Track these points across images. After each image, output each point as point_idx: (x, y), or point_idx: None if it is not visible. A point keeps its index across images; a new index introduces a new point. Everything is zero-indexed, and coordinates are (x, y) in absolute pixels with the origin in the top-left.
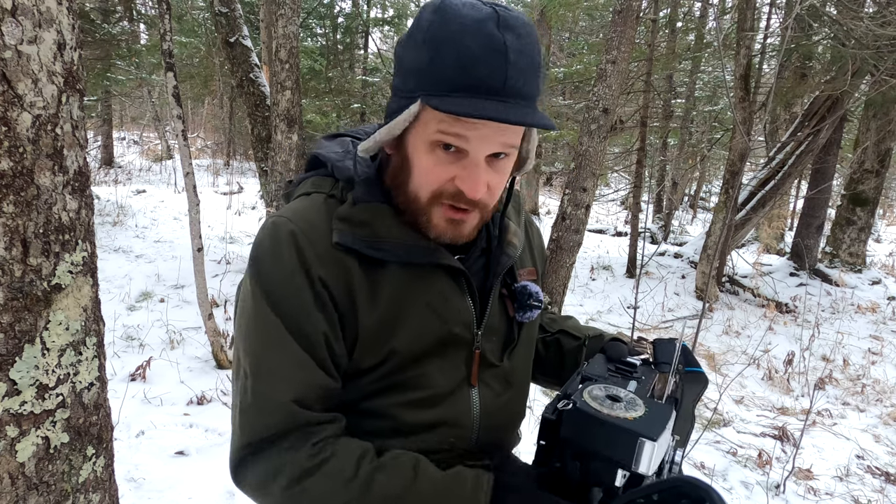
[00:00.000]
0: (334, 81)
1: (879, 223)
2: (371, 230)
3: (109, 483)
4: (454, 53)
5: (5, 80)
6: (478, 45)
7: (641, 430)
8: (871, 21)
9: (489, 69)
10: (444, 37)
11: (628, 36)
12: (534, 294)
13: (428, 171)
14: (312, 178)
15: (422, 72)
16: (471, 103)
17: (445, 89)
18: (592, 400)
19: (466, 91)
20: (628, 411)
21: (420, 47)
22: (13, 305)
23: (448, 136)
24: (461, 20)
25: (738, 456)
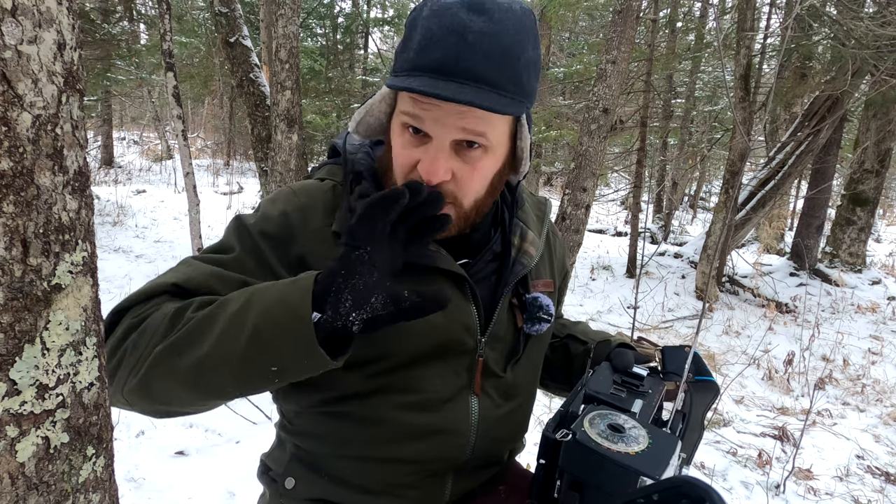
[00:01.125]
0: (334, 81)
1: (879, 223)
2: None
3: (109, 483)
4: (418, 36)
5: (5, 80)
6: (439, 27)
7: (643, 468)
8: (871, 21)
9: (443, 49)
10: (416, 20)
11: (628, 36)
12: (544, 307)
13: (398, 154)
14: (330, 165)
15: (396, 55)
16: (416, 80)
17: (407, 70)
18: (592, 430)
19: (423, 71)
20: (630, 445)
21: (404, 34)
22: (13, 305)
23: (408, 118)
24: (435, 5)
25: (738, 456)
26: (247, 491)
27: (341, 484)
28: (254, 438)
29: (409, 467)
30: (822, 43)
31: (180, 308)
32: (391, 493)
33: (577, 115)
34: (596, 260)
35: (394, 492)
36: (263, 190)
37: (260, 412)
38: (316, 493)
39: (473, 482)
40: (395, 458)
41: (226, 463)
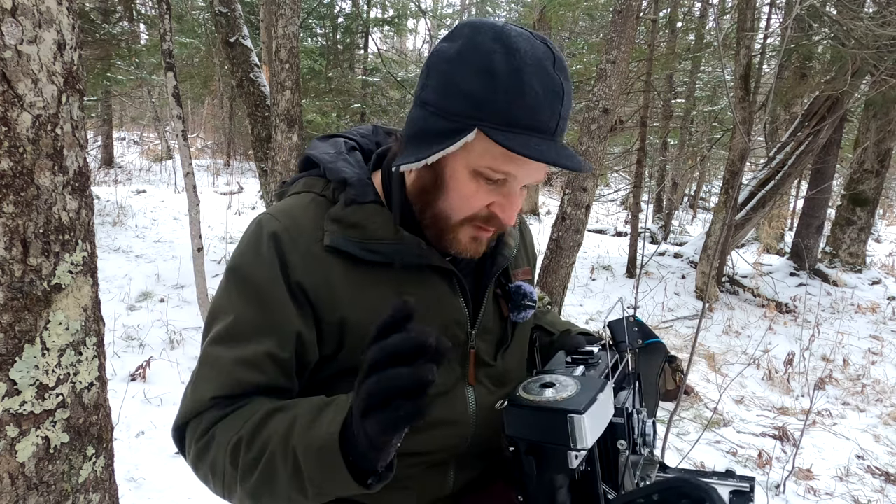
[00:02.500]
0: (334, 81)
1: (879, 223)
2: (363, 232)
3: (109, 483)
4: (520, 93)
5: (5, 80)
6: (542, 87)
7: (567, 406)
8: (871, 21)
9: (549, 112)
10: (510, 72)
11: (628, 36)
12: (528, 294)
13: (467, 198)
14: (305, 178)
15: (480, 101)
16: (535, 145)
17: (503, 124)
18: (524, 392)
19: (526, 130)
20: (559, 393)
21: (480, 74)
22: (13, 305)
23: (497, 173)
24: (525, 57)
25: (738, 456)
26: None
27: None
28: None
29: (412, 459)
30: (822, 43)
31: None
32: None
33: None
34: (596, 260)
35: (398, 484)
36: (263, 190)
37: None
38: None
39: (475, 471)
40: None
41: None
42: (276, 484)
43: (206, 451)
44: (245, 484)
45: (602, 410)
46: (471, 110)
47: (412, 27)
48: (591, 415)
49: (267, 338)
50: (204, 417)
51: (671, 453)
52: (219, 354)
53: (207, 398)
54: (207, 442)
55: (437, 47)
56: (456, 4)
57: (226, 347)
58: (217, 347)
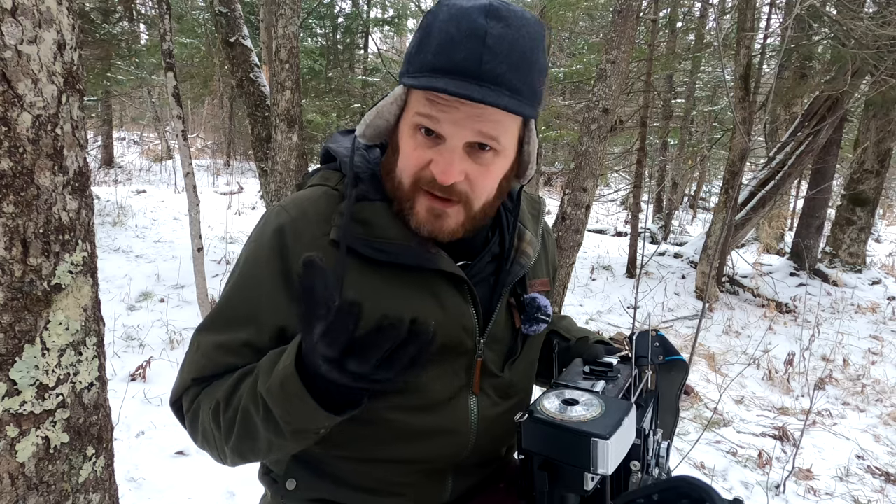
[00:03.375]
0: (334, 81)
1: (879, 223)
2: (370, 229)
3: (109, 483)
4: (436, 38)
5: (5, 80)
6: (458, 31)
7: (593, 429)
8: (871, 21)
9: (464, 52)
10: (433, 23)
11: (628, 36)
12: (542, 308)
13: (408, 155)
14: (323, 171)
15: (410, 56)
16: (441, 81)
17: (425, 71)
18: (548, 406)
19: (443, 73)
20: (583, 413)
21: (415, 35)
22: (13, 305)
23: (423, 118)
24: (451, 9)
25: (738, 456)
26: (247, 491)
27: (343, 484)
28: None
29: (411, 467)
30: (822, 43)
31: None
32: (393, 492)
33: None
34: (596, 260)
35: (395, 491)
36: (263, 190)
37: None
38: (317, 494)
39: (473, 480)
40: (397, 458)
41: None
42: (254, 433)
43: (195, 420)
44: (229, 442)
45: (626, 435)
46: (404, 68)
47: (412, 27)
48: (617, 440)
49: (249, 327)
50: (190, 392)
51: (671, 453)
52: (203, 339)
53: (189, 379)
54: (195, 411)
55: None
56: None
57: (209, 333)
58: (203, 333)
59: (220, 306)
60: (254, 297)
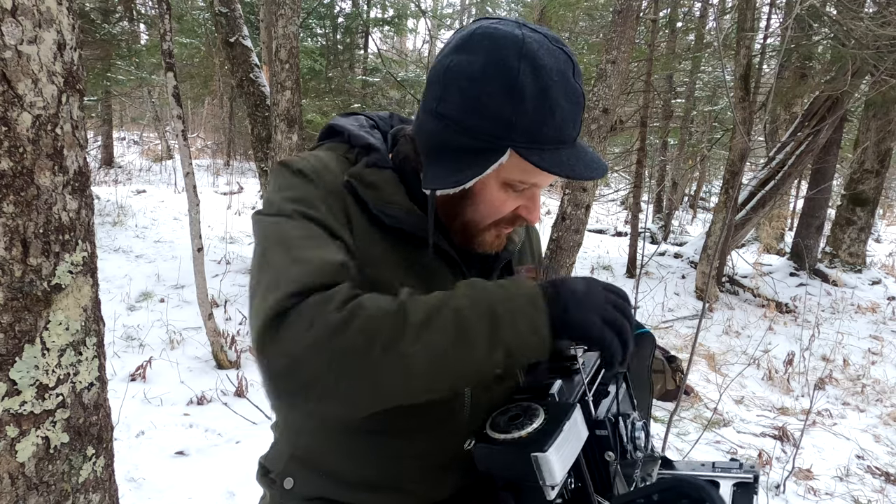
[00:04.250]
0: (334, 81)
1: (879, 223)
2: (378, 193)
3: (109, 483)
4: (550, 113)
5: (5, 80)
6: (567, 102)
7: (530, 444)
8: (871, 21)
9: (573, 123)
10: (538, 92)
11: (628, 36)
12: None
13: (497, 206)
14: (327, 143)
15: (510, 122)
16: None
17: (533, 142)
18: (492, 429)
19: (555, 144)
20: (524, 428)
21: (508, 95)
22: (13, 305)
23: (526, 185)
24: (551, 73)
25: (738, 456)
26: (247, 491)
27: (340, 481)
28: (254, 438)
29: (408, 462)
30: (822, 43)
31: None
32: (391, 487)
33: None
34: (596, 260)
35: (394, 486)
36: (263, 190)
37: (260, 412)
38: (315, 492)
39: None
40: (393, 453)
41: (226, 463)
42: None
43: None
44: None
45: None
46: (501, 131)
47: (412, 27)
48: (557, 448)
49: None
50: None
51: (671, 453)
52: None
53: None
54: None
55: (455, 60)
56: (456, 4)
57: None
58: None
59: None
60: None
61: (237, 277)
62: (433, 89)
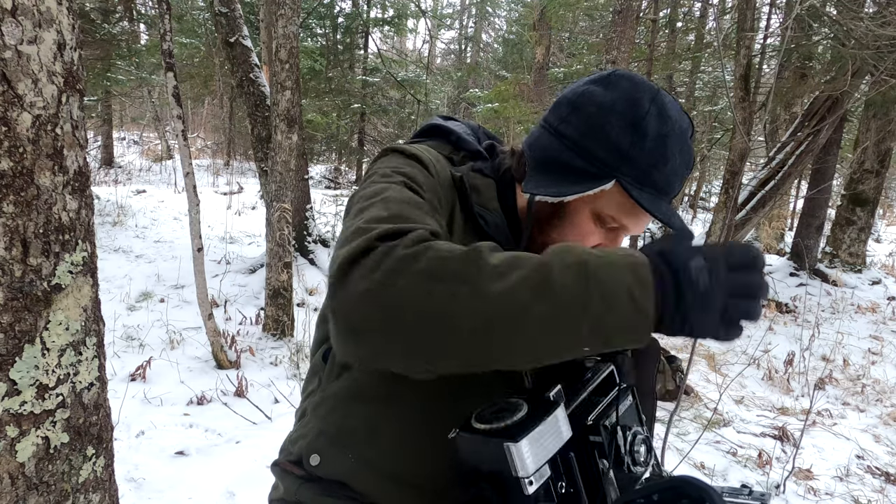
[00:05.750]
0: (334, 81)
1: (879, 223)
2: (481, 197)
3: (109, 483)
4: (663, 158)
5: (5, 80)
6: (682, 158)
7: (503, 434)
8: (871, 21)
9: (679, 181)
10: (657, 135)
11: (628, 36)
12: None
13: (583, 234)
14: (430, 141)
15: (625, 154)
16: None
17: (640, 182)
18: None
19: (656, 190)
20: (504, 420)
21: (630, 129)
22: (13, 305)
23: (617, 223)
24: (674, 125)
25: (738, 456)
26: (247, 491)
27: (368, 468)
28: (254, 438)
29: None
30: (822, 43)
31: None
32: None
33: None
34: None
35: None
36: (263, 190)
37: (260, 412)
38: (340, 474)
39: None
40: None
41: (226, 463)
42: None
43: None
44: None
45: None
46: (614, 161)
47: (412, 27)
48: (531, 440)
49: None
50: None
51: (671, 453)
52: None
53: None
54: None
55: (591, 89)
56: (456, 4)
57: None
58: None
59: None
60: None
61: (237, 277)
62: (560, 109)
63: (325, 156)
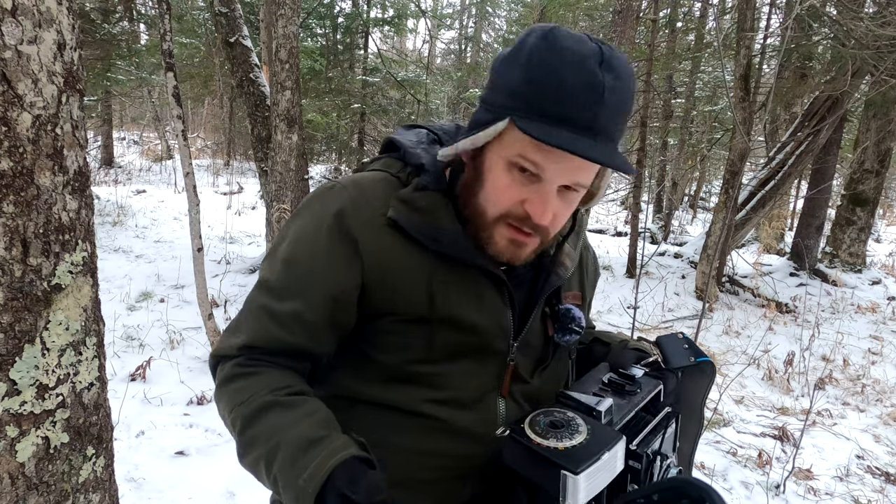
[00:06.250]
0: (334, 81)
1: (879, 223)
2: (430, 218)
3: (109, 483)
4: (553, 84)
5: (5, 80)
6: (578, 80)
7: (565, 462)
8: (871, 21)
9: (583, 105)
10: (545, 64)
11: (628, 36)
12: (577, 319)
13: (500, 190)
14: (385, 159)
15: (515, 92)
16: (560, 134)
17: (536, 114)
18: (530, 427)
19: (556, 121)
20: (563, 440)
21: (519, 67)
22: (13, 305)
23: (527, 162)
24: (565, 52)
25: (738, 456)
26: (247, 491)
27: None
28: None
29: (434, 461)
30: (822, 43)
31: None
32: (411, 487)
33: None
34: None
35: (415, 487)
36: (263, 190)
37: None
38: None
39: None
40: (422, 450)
41: (226, 463)
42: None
43: (220, 401)
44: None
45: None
46: (507, 101)
47: (412, 27)
48: (589, 475)
49: (298, 299)
50: (227, 366)
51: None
52: (256, 301)
53: (236, 345)
54: (221, 394)
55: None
56: (456, 4)
57: (262, 295)
58: (257, 293)
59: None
60: (306, 271)
61: (237, 277)
62: None
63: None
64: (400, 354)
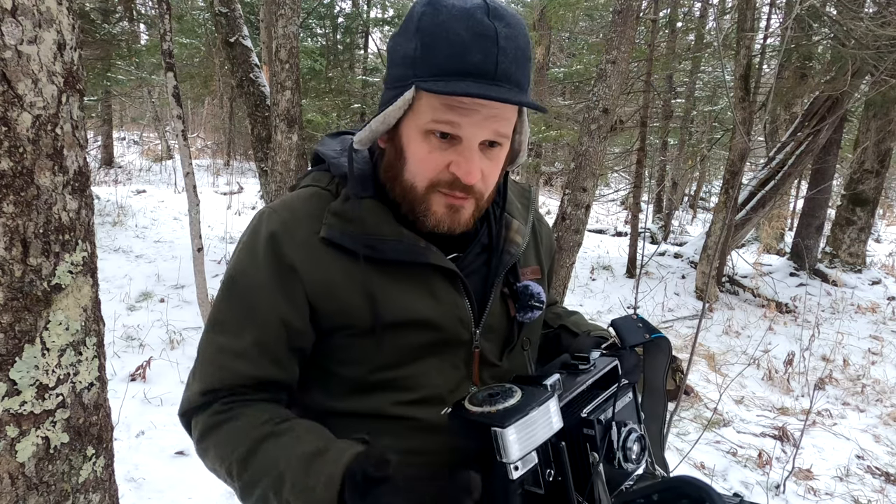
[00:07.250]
0: (334, 81)
1: (879, 223)
2: (363, 227)
3: (109, 483)
4: (445, 40)
5: (5, 80)
6: (468, 32)
7: (493, 419)
8: (871, 21)
9: (480, 54)
10: (435, 25)
11: (628, 36)
12: (535, 295)
13: (423, 160)
14: (314, 173)
15: (414, 60)
16: (465, 84)
17: (438, 73)
18: (470, 402)
19: (459, 75)
20: (496, 405)
21: (412, 37)
22: (13, 305)
23: (441, 124)
24: (452, 9)
25: (738, 456)
26: None
27: None
28: None
29: (420, 459)
30: (822, 43)
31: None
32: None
33: (577, 116)
34: (596, 260)
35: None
36: (263, 190)
37: None
38: None
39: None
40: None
41: None
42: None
43: (205, 456)
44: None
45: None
46: (408, 70)
47: None
48: (518, 427)
49: (251, 327)
50: (199, 419)
51: (671, 453)
52: (208, 346)
53: (199, 393)
54: (206, 449)
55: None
56: None
57: (214, 336)
58: (207, 337)
59: (219, 311)
60: (252, 299)
61: None
62: None
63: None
64: (361, 366)
